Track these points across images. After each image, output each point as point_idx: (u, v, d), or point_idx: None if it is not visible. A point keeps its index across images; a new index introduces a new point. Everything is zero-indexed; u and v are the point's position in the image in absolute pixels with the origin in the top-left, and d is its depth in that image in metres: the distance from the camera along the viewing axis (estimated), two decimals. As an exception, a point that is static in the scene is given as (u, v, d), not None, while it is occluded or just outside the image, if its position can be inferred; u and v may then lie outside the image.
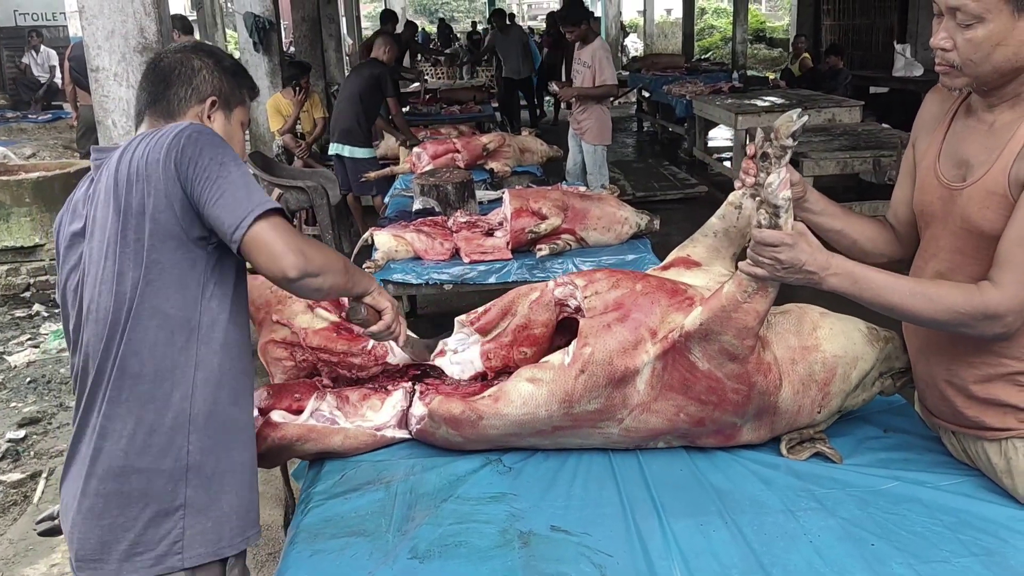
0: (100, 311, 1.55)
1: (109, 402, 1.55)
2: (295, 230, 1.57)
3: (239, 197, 1.50)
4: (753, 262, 1.68)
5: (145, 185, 1.51)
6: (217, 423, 1.60)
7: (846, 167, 6.90)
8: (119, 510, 1.55)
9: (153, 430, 1.55)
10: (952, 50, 1.64)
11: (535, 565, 1.60)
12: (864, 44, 14.34)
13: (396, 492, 1.86)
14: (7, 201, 6.01)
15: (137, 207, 1.52)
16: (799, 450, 1.96)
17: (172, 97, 1.69)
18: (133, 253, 1.52)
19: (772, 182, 1.61)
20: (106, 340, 1.54)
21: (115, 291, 1.53)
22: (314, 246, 1.59)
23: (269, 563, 3.12)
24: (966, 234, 1.70)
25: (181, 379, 1.56)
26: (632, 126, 14.49)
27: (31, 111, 13.66)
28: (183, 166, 1.50)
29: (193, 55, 1.72)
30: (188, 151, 1.51)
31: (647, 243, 3.87)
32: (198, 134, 1.54)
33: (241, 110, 1.78)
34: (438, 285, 3.67)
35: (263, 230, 1.49)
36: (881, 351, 1.98)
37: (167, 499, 1.56)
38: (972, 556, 1.58)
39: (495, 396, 1.93)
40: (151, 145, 1.53)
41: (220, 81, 1.72)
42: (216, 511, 1.60)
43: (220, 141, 1.57)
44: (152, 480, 1.55)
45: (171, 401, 1.56)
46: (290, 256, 1.50)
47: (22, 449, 4.11)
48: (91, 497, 1.56)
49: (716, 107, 9.54)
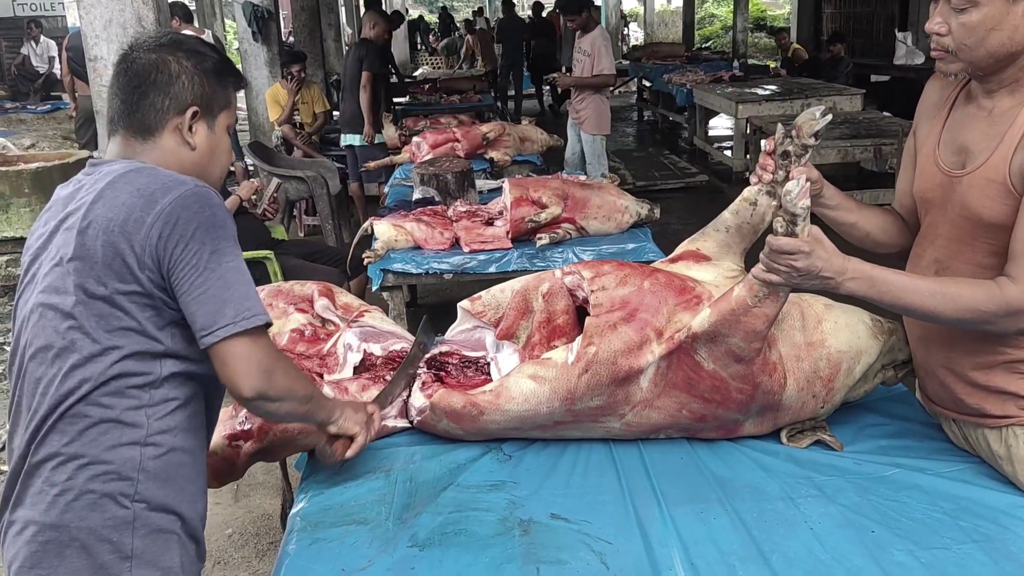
0: (51, 348, 1.45)
1: (49, 443, 1.44)
2: (271, 345, 1.47)
3: (223, 299, 1.39)
4: (767, 268, 1.65)
5: (119, 240, 1.40)
6: (170, 466, 1.50)
7: (847, 155, 6.89)
8: (58, 560, 1.42)
9: (98, 474, 1.43)
10: (947, 35, 1.64)
11: (535, 553, 1.60)
12: (865, 32, 14.31)
13: (396, 480, 1.86)
14: (6, 192, 6.00)
15: (104, 258, 1.41)
16: (799, 438, 1.96)
17: (148, 108, 1.52)
18: (95, 301, 1.42)
19: (791, 190, 1.56)
20: (52, 385, 1.44)
21: (65, 334, 1.43)
22: (284, 370, 1.49)
23: (270, 552, 3.13)
24: (965, 221, 1.70)
25: (132, 424, 1.45)
26: (632, 115, 14.47)
27: (30, 102, 13.64)
28: (170, 243, 1.39)
29: (170, 56, 1.53)
30: (179, 228, 1.39)
31: (647, 232, 3.86)
32: (198, 207, 1.41)
33: (226, 114, 1.62)
34: (438, 274, 3.66)
35: (236, 345, 1.40)
36: (885, 344, 1.98)
37: (114, 549, 1.44)
38: (972, 543, 1.58)
39: (496, 392, 1.92)
40: (137, 199, 1.41)
41: (202, 87, 1.55)
42: (168, 560, 1.49)
43: (220, 220, 1.43)
44: (96, 530, 1.43)
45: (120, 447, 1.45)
46: (253, 377, 1.41)
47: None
48: (30, 544, 1.44)
49: (717, 96, 9.53)
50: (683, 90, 10.74)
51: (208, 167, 1.60)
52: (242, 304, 1.40)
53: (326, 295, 2.44)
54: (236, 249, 1.45)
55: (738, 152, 8.90)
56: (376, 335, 2.30)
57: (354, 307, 2.46)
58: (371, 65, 6.58)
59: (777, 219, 1.61)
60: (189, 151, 1.56)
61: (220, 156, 1.62)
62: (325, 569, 1.58)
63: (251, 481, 3.47)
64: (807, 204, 1.58)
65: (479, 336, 2.28)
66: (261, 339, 1.43)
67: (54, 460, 1.44)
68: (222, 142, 1.62)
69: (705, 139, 10.49)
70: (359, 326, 2.30)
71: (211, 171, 1.62)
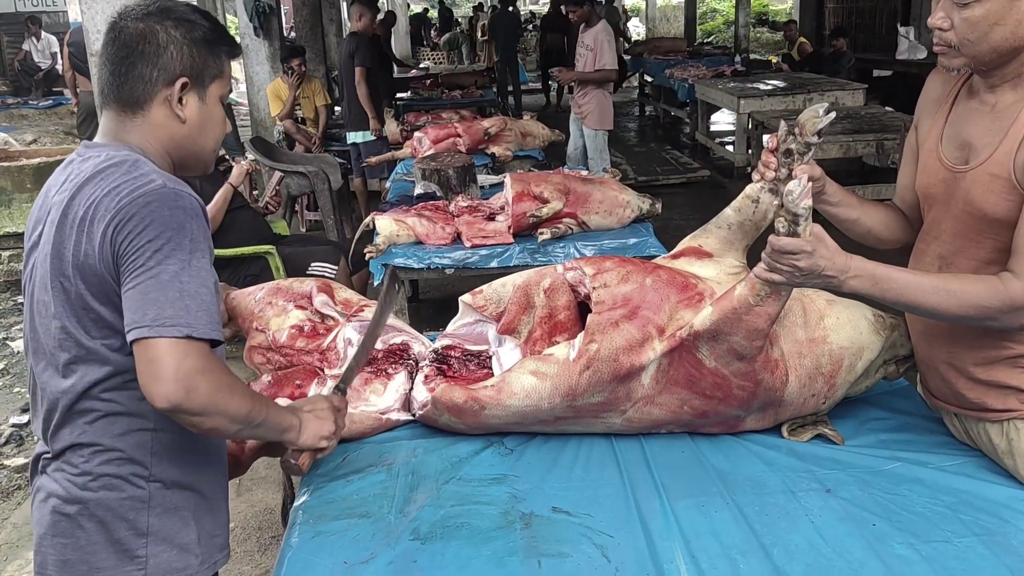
0: (46, 346, 1.47)
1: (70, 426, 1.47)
2: (203, 360, 1.35)
3: (152, 299, 1.32)
4: (769, 268, 1.64)
5: (85, 237, 1.39)
6: (183, 446, 1.52)
7: (849, 150, 6.88)
8: (79, 532, 1.47)
9: (112, 459, 1.47)
10: (949, 29, 1.63)
11: (537, 546, 1.61)
12: (867, 27, 14.28)
13: (398, 474, 1.87)
14: (8, 187, 6.01)
15: (74, 256, 1.40)
16: (800, 432, 1.96)
17: (136, 80, 1.47)
18: (68, 298, 1.42)
19: (793, 190, 1.55)
20: (54, 380, 1.46)
21: (55, 333, 1.44)
22: (213, 387, 1.36)
23: (272, 546, 3.14)
24: (969, 217, 1.70)
25: (139, 414, 1.47)
26: (634, 110, 14.45)
27: (32, 97, 13.64)
28: (120, 236, 1.36)
29: (158, 25, 1.47)
30: (131, 223, 1.35)
31: (649, 227, 3.86)
32: (157, 204, 1.36)
33: (219, 84, 1.55)
34: (439, 269, 3.66)
35: (152, 349, 1.31)
36: (887, 339, 1.97)
37: (129, 527, 1.47)
38: (973, 536, 1.59)
39: (498, 387, 1.92)
40: (106, 196, 1.38)
41: (191, 57, 1.49)
42: (183, 537, 1.52)
43: (177, 222, 1.36)
44: (113, 508, 1.46)
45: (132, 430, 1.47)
46: (165, 386, 1.31)
47: (26, 434, 4.12)
48: (52, 514, 1.49)
49: (718, 91, 9.51)
50: (685, 85, 10.73)
51: (200, 140, 1.55)
52: (165, 309, 1.32)
53: (325, 291, 2.44)
54: (190, 256, 1.36)
55: (740, 147, 8.89)
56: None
57: (354, 302, 2.46)
58: (363, 59, 6.54)
59: (779, 219, 1.60)
60: (179, 124, 1.51)
61: (213, 128, 1.57)
62: (327, 562, 1.59)
63: (253, 475, 3.47)
64: (809, 204, 1.57)
65: (481, 330, 2.29)
66: (189, 350, 1.33)
67: (70, 448, 1.47)
68: (214, 113, 1.56)
69: (707, 134, 10.47)
70: (359, 320, 2.30)
71: (203, 144, 1.57)
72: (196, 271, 1.36)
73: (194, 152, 1.56)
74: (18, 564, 3.10)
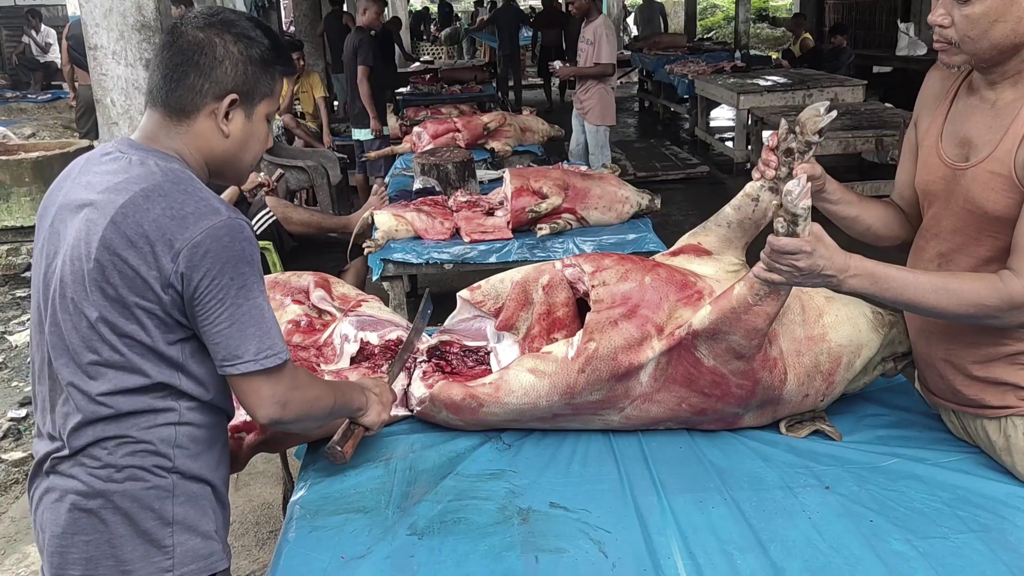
0: (71, 343, 1.45)
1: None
2: (289, 378, 1.49)
3: (245, 335, 1.42)
4: (769, 268, 1.64)
5: (143, 255, 1.39)
6: (201, 441, 1.53)
7: (848, 147, 6.88)
8: (103, 527, 1.46)
9: (137, 451, 1.47)
10: (950, 27, 1.63)
11: (534, 541, 1.61)
12: (867, 23, 14.27)
13: (395, 469, 1.87)
14: (7, 181, 6.00)
15: (122, 267, 1.39)
16: (798, 428, 1.96)
17: (187, 89, 1.47)
18: (112, 306, 1.41)
19: (792, 190, 1.54)
20: (77, 378, 1.45)
21: (84, 332, 1.43)
22: (301, 398, 1.52)
23: (270, 541, 3.14)
24: (969, 214, 1.69)
25: (166, 410, 1.48)
26: (634, 106, 14.44)
27: (31, 91, 13.62)
28: (196, 273, 1.38)
29: (217, 38, 1.48)
30: (208, 261, 1.38)
31: (648, 223, 3.86)
32: (228, 239, 1.39)
33: (267, 103, 1.56)
34: (438, 264, 3.66)
35: (253, 382, 1.45)
36: (886, 336, 1.97)
37: (156, 516, 1.48)
38: (971, 532, 1.59)
39: (496, 384, 1.92)
40: (169, 220, 1.38)
41: (245, 75, 1.49)
42: (206, 525, 1.54)
43: (248, 254, 1.42)
44: (139, 498, 1.47)
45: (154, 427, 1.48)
46: (267, 409, 1.48)
47: (24, 428, 4.12)
48: (71, 512, 1.47)
49: (718, 87, 9.51)
50: (685, 81, 10.72)
51: (240, 155, 1.57)
52: (263, 342, 1.43)
53: (322, 286, 2.44)
54: (261, 284, 1.45)
55: (739, 143, 8.89)
56: (372, 323, 2.30)
57: (351, 297, 2.46)
58: (365, 57, 6.47)
59: (778, 219, 1.59)
60: (222, 138, 1.52)
61: (254, 145, 1.58)
62: (324, 557, 1.59)
63: (251, 470, 3.47)
64: (808, 204, 1.56)
65: (479, 326, 2.28)
66: (278, 374, 1.47)
67: (92, 444, 1.46)
68: (258, 131, 1.57)
69: (706, 130, 10.47)
70: (356, 315, 2.30)
71: (242, 158, 1.58)
72: (267, 297, 1.48)
73: (232, 165, 1.58)
74: (16, 558, 3.10)
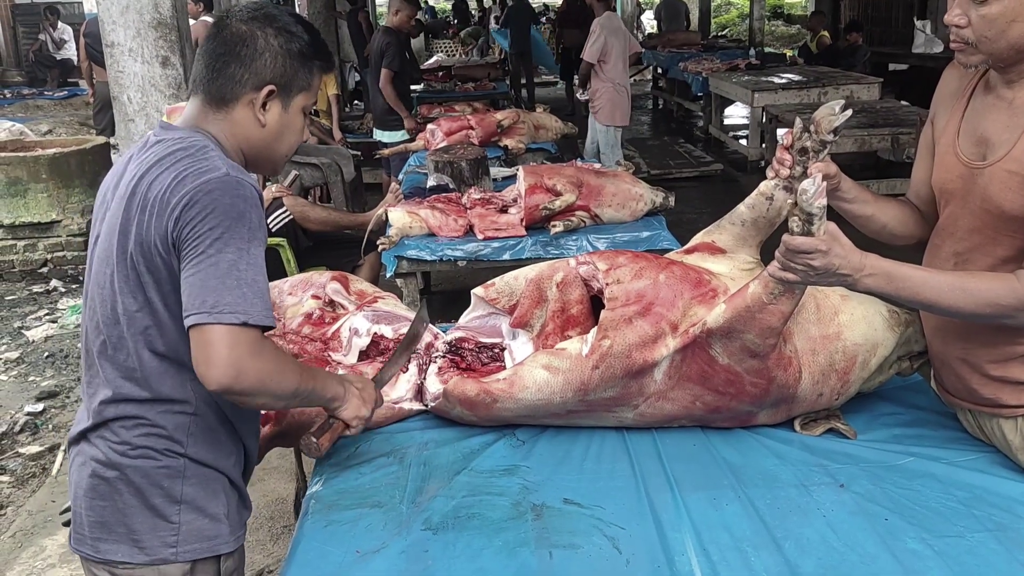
0: (102, 317, 1.52)
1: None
2: (255, 345, 1.40)
3: (211, 287, 1.37)
4: (783, 267, 1.63)
5: (151, 219, 1.44)
6: (219, 431, 1.59)
7: (864, 144, 6.84)
8: (116, 495, 1.53)
9: (152, 433, 1.53)
10: (967, 27, 1.61)
11: (548, 537, 1.61)
12: (883, 20, 14.17)
13: (410, 465, 1.87)
14: (24, 177, 6.04)
15: (137, 235, 1.45)
16: (813, 426, 1.96)
17: (228, 79, 1.54)
18: (128, 274, 1.48)
19: (807, 189, 1.53)
20: (106, 353, 1.52)
21: (110, 306, 1.50)
22: (260, 369, 1.42)
23: (284, 535, 3.16)
24: (986, 214, 1.68)
25: (183, 399, 1.53)
26: (647, 104, 14.40)
27: (47, 88, 13.71)
28: (182, 221, 1.41)
29: (260, 31, 1.55)
30: (194, 210, 1.40)
31: (662, 220, 3.85)
32: (220, 192, 1.41)
33: (304, 96, 1.61)
34: (452, 262, 3.67)
35: (208, 334, 1.37)
36: (901, 335, 1.96)
37: (164, 494, 1.53)
38: (986, 531, 1.58)
39: (510, 381, 1.92)
40: (173, 180, 1.44)
41: (284, 67, 1.55)
42: (214, 508, 1.58)
43: (238, 210, 1.41)
44: (150, 475, 1.53)
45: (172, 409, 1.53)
46: (218, 370, 1.37)
47: (40, 422, 4.16)
48: (92, 478, 1.55)
49: (732, 84, 9.48)
50: (699, 78, 10.69)
51: (274, 145, 1.62)
52: (224, 296, 1.37)
53: (339, 280, 2.46)
54: (248, 244, 1.42)
55: (754, 141, 8.86)
56: (387, 317, 2.31)
57: (368, 293, 2.47)
58: (390, 62, 6.36)
59: (793, 218, 1.58)
60: (259, 127, 1.58)
61: (289, 136, 1.63)
62: (339, 551, 1.60)
63: (265, 465, 3.49)
64: (824, 203, 1.55)
65: (493, 323, 2.29)
66: (238, 335, 1.38)
67: (115, 420, 1.53)
68: (294, 122, 1.62)
69: (720, 128, 10.44)
70: (372, 310, 2.31)
71: (277, 149, 1.63)
72: (253, 259, 1.42)
73: (267, 155, 1.63)
74: (32, 551, 3.13)
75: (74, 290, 5.96)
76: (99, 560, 1.56)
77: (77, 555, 1.61)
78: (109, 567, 1.55)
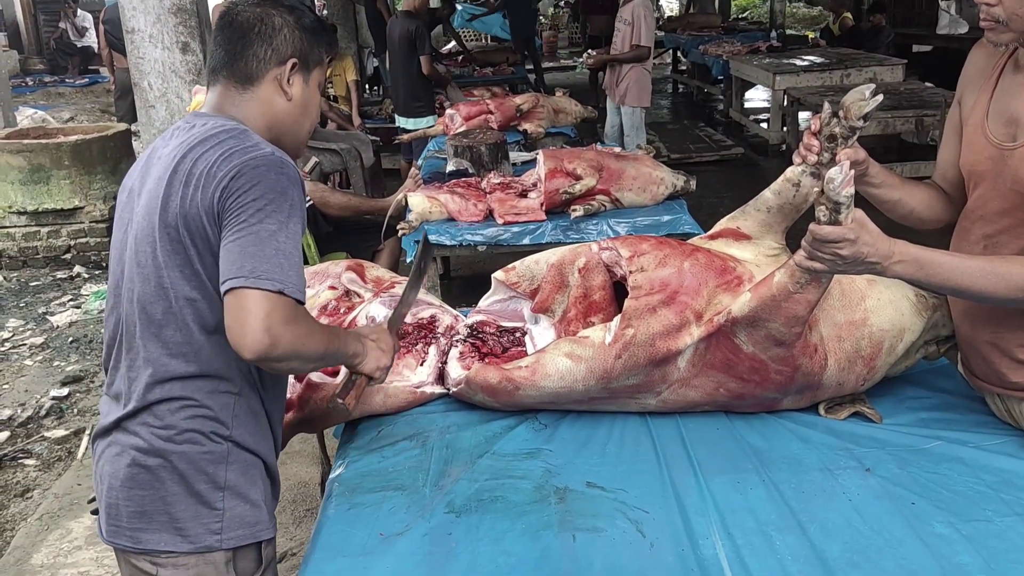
0: (144, 296, 1.53)
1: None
2: (290, 314, 1.42)
3: (250, 253, 1.39)
4: (810, 256, 1.60)
5: (198, 196, 1.47)
6: (259, 415, 1.61)
7: (888, 127, 6.76)
8: (158, 483, 1.53)
9: (198, 415, 1.54)
10: (997, 4, 1.59)
11: (571, 520, 1.61)
12: (907, 1, 13.96)
13: (432, 448, 1.88)
14: (47, 164, 6.09)
15: (182, 212, 1.48)
16: (838, 410, 1.94)
17: (251, 57, 1.58)
18: (174, 247, 1.49)
19: (834, 178, 1.50)
20: (149, 332, 1.53)
21: (155, 279, 1.51)
22: (295, 328, 1.43)
23: (307, 519, 3.18)
24: (1017, 196, 1.66)
25: (228, 377, 1.55)
26: (667, 87, 14.29)
27: (68, 75, 13.80)
28: (227, 195, 1.44)
29: (274, 11, 1.61)
30: (238, 182, 1.44)
31: (683, 204, 3.83)
32: (265, 168, 1.45)
33: (319, 71, 1.68)
34: (472, 246, 3.67)
35: (244, 298, 1.38)
36: (929, 320, 1.93)
37: (208, 480, 1.54)
38: (1015, 515, 1.56)
39: (532, 368, 1.92)
40: (219, 158, 1.47)
41: (301, 41, 1.61)
42: (255, 494, 1.59)
43: (281, 186, 1.45)
44: (195, 461, 1.54)
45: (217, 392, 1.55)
46: (257, 334, 1.38)
47: (66, 406, 4.21)
48: (130, 467, 1.54)
49: (753, 67, 9.38)
50: (719, 61, 10.58)
51: (300, 119, 1.66)
52: (262, 264, 1.39)
53: (354, 269, 2.46)
54: (288, 220, 1.44)
55: (775, 125, 8.77)
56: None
57: (385, 279, 2.47)
58: (424, 47, 6.40)
59: (820, 206, 1.55)
60: (285, 101, 1.62)
61: (312, 110, 1.68)
62: (362, 533, 1.60)
63: (288, 449, 3.50)
64: (851, 192, 1.52)
65: (514, 307, 2.29)
66: (277, 303, 1.39)
67: (159, 402, 1.53)
68: (314, 98, 1.68)
69: (741, 111, 10.34)
70: (390, 296, 2.31)
71: (302, 123, 1.68)
72: (292, 234, 1.45)
73: (293, 131, 1.66)
74: (59, 534, 3.17)
75: (97, 276, 6.01)
76: (139, 551, 1.55)
77: (111, 547, 1.59)
78: (150, 557, 1.54)
